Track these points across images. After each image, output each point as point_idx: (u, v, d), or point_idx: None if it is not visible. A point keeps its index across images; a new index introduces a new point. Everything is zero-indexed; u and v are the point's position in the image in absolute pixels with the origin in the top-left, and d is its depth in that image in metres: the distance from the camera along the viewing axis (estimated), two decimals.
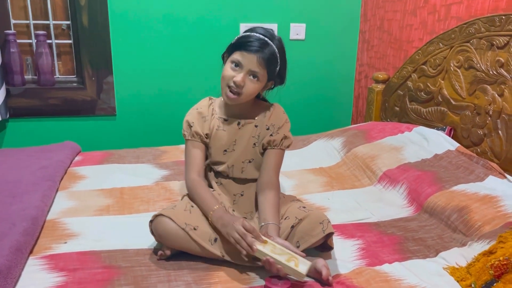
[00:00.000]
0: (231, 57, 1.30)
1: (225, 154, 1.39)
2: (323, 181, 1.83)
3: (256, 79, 1.29)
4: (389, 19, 2.44)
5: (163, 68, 2.51)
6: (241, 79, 1.28)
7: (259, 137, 1.39)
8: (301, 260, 1.14)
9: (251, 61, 1.27)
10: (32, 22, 2.36)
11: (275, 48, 1.29)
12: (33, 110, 2.38)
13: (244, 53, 1.27)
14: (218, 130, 1.39)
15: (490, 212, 1.38)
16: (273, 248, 1.15)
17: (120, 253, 1.26)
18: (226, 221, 1.19)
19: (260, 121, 1.39)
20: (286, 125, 1.40)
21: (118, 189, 1.69)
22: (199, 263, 1.22)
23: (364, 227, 1.45)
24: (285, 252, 1.14)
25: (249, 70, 1.28)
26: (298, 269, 1.11)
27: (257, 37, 1.28)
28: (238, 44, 1.30)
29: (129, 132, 2.55)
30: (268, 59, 1.28)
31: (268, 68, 1.29)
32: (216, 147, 1.39)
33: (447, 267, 1.22)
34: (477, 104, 1.80)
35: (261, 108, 1.41)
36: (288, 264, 1.11)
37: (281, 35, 2.56)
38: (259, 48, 1.26)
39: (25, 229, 1.27)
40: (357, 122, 2.81)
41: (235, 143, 1.38)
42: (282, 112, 1.42)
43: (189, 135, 1.38)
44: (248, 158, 1.39)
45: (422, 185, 1.62)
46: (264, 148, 1.39)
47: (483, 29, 1.76)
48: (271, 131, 1.38)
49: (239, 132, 1.39)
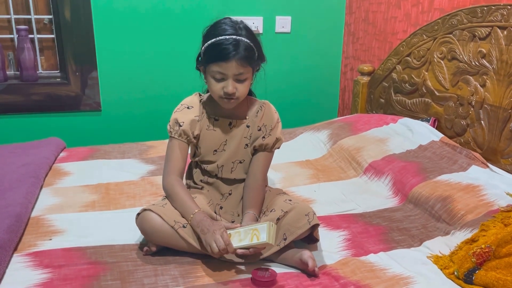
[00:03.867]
0: (210, 70, 1.24)
1: (215, 154, 1.36)
2: (309, 173, 1.84)
3: (244, 79, 1.26)
4: (373, 11, 2.45)
5: (148, 63, 2.49)
6: (232, 88, 1.23)
7: (251, 138, 1.36)
8: (260, 228, 1.14)
9: (232, 67, 1.21)
10: (13, 16, 2.32)
11: (246, 39, 1.23)
12: (16, 106, 2.34)
13: (221, 64, 1.21)
14: (208, 130, 1.35)
15: (472, 201, 1.41)
16: (239, 236, 1.16)
17: (106, 248, 1.26)
18: (206, 228, 1.17)
19: (251, 121, 1.36)
20: (278, 126, 1.37)
21: (104, 184, 1.68)
22: (185, 258, 1.22)
23: (349, 218, 1.47)
24: (247, 232, 1.15)
25: (233, 75, 1.23)
26: (260, 242, 1.12)
27: (225, 41, 1.21)
28: (209, 57, 1.23)
29: (115, 128, 2.53)
30: (246, 56, 1.22)
31: (250, 63, 1.25)
32: (206, 147, 1.36)
33: (430, 255, 1.24)
34: (460, 95, 1.83)
35: (252, 106, 1.38)
36: (253, 243, 1.13)
37: (266, 28, 2.61)
38: (234, 52, 1.20)
39: (9, 226, 1.25)
40: (343, 114, 2.82)
41: (225, 143, 1.36)
42: (274, 112, 1.38)
43: (175, 133, 1.32)
44: (238, 158, 1.37)
45: (406, 176, 1.63)
46: (255, 149, 1.37)
47: (465, 21, 1.77)
48: (263, 132, 1.35)
49: (230, 132, 1.36)
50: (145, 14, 2.41)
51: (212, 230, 1.15)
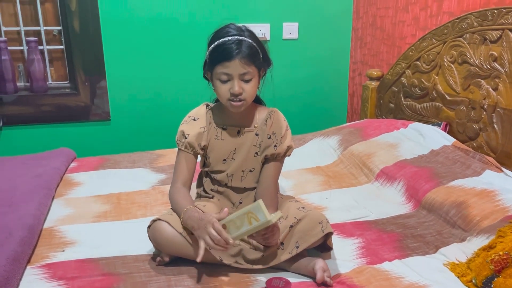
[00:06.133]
0: (215, 73, 1.25)
1: (224, 163, 1.35)
2: (320, 180, 1.83)
3: (250, 79, 1.26)
4: (381, 16, 2.44)
5: (156, 71, 2.50)
6: (238, 88, 1.23)
7: (260, 146, 1.35)
8: (253, 209, 1.10)
9: (236, 66, 1.22)
10: (23, 28, 2.34)
11: (249, 39, 1.24)
12: (26, 117, 2.36)
13: (225, 64, 1.22)
14: (217, 140, 1.35)
15: (488, 207, 1.39)
16: (234, 224, 1.12)
17: (119, 259, 1.25)
18: (196, 224, 1.15)
19: (260, 129, 1.35)
20: (287, 133, 1.36)
21: (115, 194, 1.68)
22: (198, 268, 1.21)
23: (363, 226, 1.45)
24: (242, 218, 1.11)
25: (239, 75, 1.23)
26: (261, 223, 1.08)
27: (227, 41, 1.22)
28: (214, 59, 1.24)
29: (124, 137, 2.54)
30: (249, 54, 1.22)
31: (254, 62, 1.25)
32: (215, 157, 1.35)
33: (447, 263, 1.22)
34: (472, 98, 1.81)
35: (260, 113, 1.37)
36: (253, 226, 1.09)
37: (274, 34, 2.61)
38: (236, 50, 1.21)
39: (22, 238, 1.25)
40: (352, 120, 2.81)
41: (234, 152, 1.35)
42: (283, 119, 1.37)
43: (181, 145, 1.33)
44: (248, 167, 1.36)
45: (419, 182, 1.62)
46: (266, 158, 1.35)
47: (475, 24, 1.76)
48: (273, 141, 1.33)
49: (239, 140, 1.35)
50: (153, 24, 2.43)
51: (202, 224, 1.12)
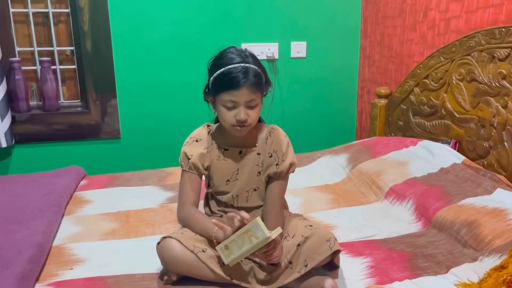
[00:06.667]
0: (220, 100, 1.25)
1: (228, 184, 1.36)
2: (329, 198, 1.82)
3: (255, 105, 1.27)
4: (389, 35, 2.46)
5: (166, 91, 2.53)
6: (244, 115, 1.24)
7: (263, 165, 1.35)
8: (251, 227, 1.10)
9: (243, 95, 1.22)
10: (36, 49, 2.40)
11: (254, 66, 1.25)
12: (38, 135, 2.40)
13: (232, 92, 1.22)
14: (219, 161, 1.35)
15: (500, 226, 1.36)
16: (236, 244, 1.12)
17: (127, 278, 1.25)
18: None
19: (262, 148, 1.35)
20: (289, 150, 1.35)
21: (124, 212, 1.69)
22: (206, 287, 1.20)
23: (372, 244, 1.44)
24: (242, 237, 1.11)
25: (245, 102, 1.24)
26: (260, 240, 1.09)
27: (234, 69, 1.22)
28: (219, 86, 1.24)
29: (134, 155, 2.56)
30: (255, 82, 1.23)
31: (260, 89, 1.26)
32: (218, 178, 1.36)
33: (459, 283, 1.20)
34: (481, 116, 1.80)
35: (261, 132, 1.37)
36: (254, 244, 1.09)
37: (282, 53, 2.64)
38: (244, 79, 1.21)
39: (31, 256, 1.26)
40: (361, 138, 2.80)
41: (237, 173, 1.35)
42: (283, 136, 1.36)
43: (186, 166, 1.34)
44: (252, 186, 1.36)
45: (429, 200, 1.60)
46: (269, 177, 1.35)
47: (483, 42, 1.76)
48: (274, 159, 1.33)
49: (241, 161, 1.35)
50: (164, 44, 2.47)
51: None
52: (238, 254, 1.12)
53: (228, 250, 1.13)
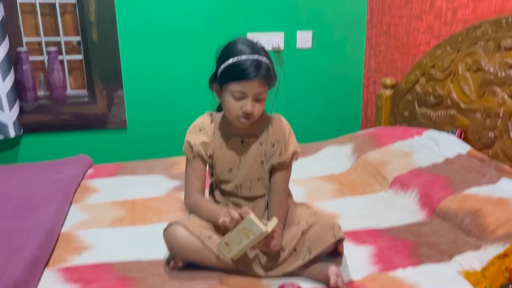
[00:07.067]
0: (229, 89, 1.25)
1: (231, 173, 1.37)
2: (334, 188, 1.83)
3: (262, 98, 1.27)
4: (395, 24, 2.45)
5: (172, 81, 2.54)
6: (251, 107, 1.24)
7: (265, 155, 1.36)
8: (246, 224, 1.13)
9: (253, 87, 1.23)
10: (43, 39, 2.41)
11: (266, 60, 1.25)
12: (46, 125, 2.42)
13: (243, 83, 1.22)
14: (221, 150, 1.36)
15: (504, 215, 1.37)
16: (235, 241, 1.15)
17: (134, 264, 1.27)
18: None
19: (264, 138, 1.36)
20: (291, 138, 1.36)
21: (131, 201, 1.71)
22: (211, 273, 1.22)
23: (376, 233, 1.45)
24: (239, 234, 1.14)
25: (253, 95, 1.24)
26: (257, 235, 1.12)
27: (248, 61, 1.22)
28: (230, 76, 1.24)
29: (140, 144, 2.58)
30: (266, 76, 1.24)
31: (269, 83, 1.27)
32: (221, 167, 1.37)
33: (461, 271, 1.21)
34: (487, 106, 1.79)
35: (263, 122, 1.37)
36: (252, 239, 1.13)
37: (288, 43, 2.63)
38: (256, 71, 1.21)
39: (41, 242, 1.29)
40: (367, 128, 2.80)
41: (240, 162, 1.36)
42: (285, 125, 1.37)
43: (190, 155, 1.35)
44: (256, 176, 1.37)
45: (433, 190, 1.61)
46: (273, 167, 1.36)
47: (490, 31, 1.75)
48: (277, 148, 1.34)
49: (243, 150, 1.36)
50: (169, 34, 2.47)
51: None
52: (239, 249, 1.16)
53: (229, 246, 1.17)
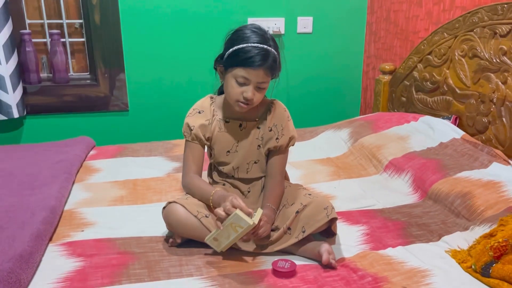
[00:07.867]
0: (234, 73, 1.27)
1: (228, 155, 1.40)
2: (330, 170, 1.87)
3: (264, 87, 1.30)
4: (395, 10, 2.46)
5: (173, 64, 2.57)
6: (252, 94, 1.26)
7: (263, 139, 1.39)
8: (235, 219, 1.16)
9: (258, 75, 1.25)
10: (46, 21, 2.44)
11: (274, 51, 1.27)
12: (49, 107, 2.46)
13: (248, 70, 1.24)
14: (220, 132, 1.39)
15: (493, 197, 1.41)
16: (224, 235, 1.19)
17: (134, 240, 1.32)
18: (223, 198, 1.22)
19: (262, 122, 1.39)
20: (289, 123, 1.39)
21: (132, 180, 1.75)
22: (208, 249, 1.27)
23: (369, 214, 1.49)
24: (228, 228, 1.18)
25: (256, 83, 1.26)
26: (245, 228, 1.16)
27: (257, 49, 1.23)
28: (237, 61, 1.25)
29: (142, 127, 2.62)
30: (271, 66, 1.26)
31: (272, 74, 1.29)
32: (219, 149, 1.40)
33: (449, 250, 1.26)
34: (482, 92, 1.82)
35: (262, 107, 1.39)
36: (240, 232, 1.17)
37: (288, 28, 2.65)
38: (263, 61, 1.23)
39: (45, 217, 1.34)
40: (366, 113, 2.83)
41: (237, 145, 1.39)
42: (283, 110, 1.40)
43: (189, 137, 1.38)
44: (253, 159, 1.40)
45: (426, 173, 1.65)
46: (270, 151, 1.40)
47: (486, 18, 1.77)
48: (274, 133, 1.37)
49: (241, 133, 1.39)
50: (171, 17, 2.49)
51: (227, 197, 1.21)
52: (228, 242, 1.21)
53: (217, 241, 1.22)
